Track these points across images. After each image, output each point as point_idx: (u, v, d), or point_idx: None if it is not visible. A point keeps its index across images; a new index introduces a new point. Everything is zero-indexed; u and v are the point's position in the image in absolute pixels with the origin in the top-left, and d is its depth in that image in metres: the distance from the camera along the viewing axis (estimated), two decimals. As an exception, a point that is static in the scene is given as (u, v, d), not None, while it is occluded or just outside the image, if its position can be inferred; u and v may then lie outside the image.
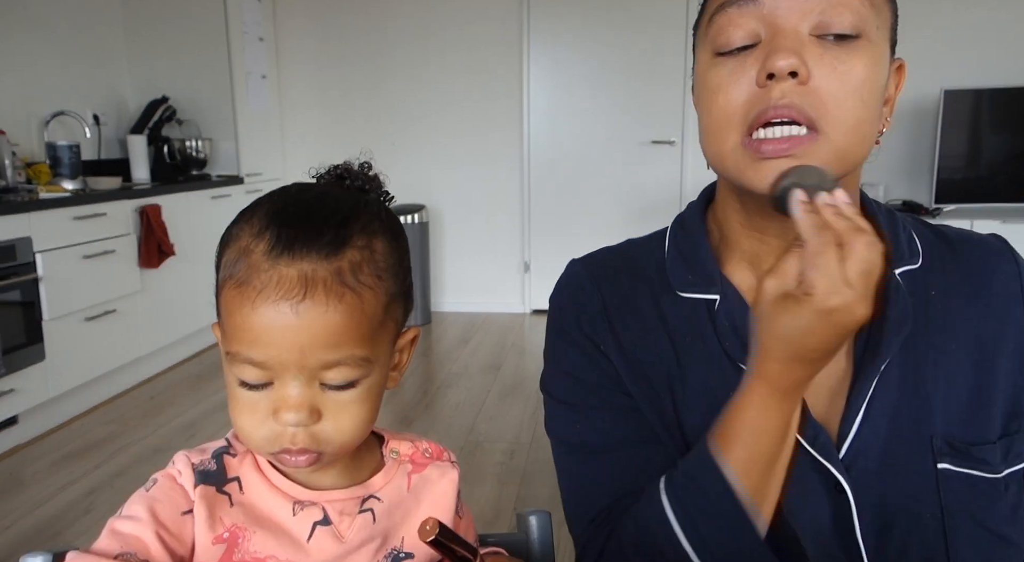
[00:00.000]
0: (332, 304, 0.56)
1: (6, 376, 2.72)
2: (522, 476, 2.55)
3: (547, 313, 0.84)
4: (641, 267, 0.79)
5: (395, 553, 0.65)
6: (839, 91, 0.63)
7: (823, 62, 0.63)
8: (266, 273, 0.56)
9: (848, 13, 0.63)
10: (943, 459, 0.67)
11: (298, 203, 0.60)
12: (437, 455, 0.71)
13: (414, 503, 0.67)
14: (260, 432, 0.59)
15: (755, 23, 0.64)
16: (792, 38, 0.63)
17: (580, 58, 4.54)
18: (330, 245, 0.57)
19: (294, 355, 0.56)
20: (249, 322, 0.56)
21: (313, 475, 0.64)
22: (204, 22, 4.12)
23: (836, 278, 0.56)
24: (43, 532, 2.23)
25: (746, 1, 0.64)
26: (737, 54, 0.65)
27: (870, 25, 0.64)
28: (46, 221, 2.88)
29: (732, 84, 0.66)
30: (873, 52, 0.64)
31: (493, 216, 4.79)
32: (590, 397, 0.76)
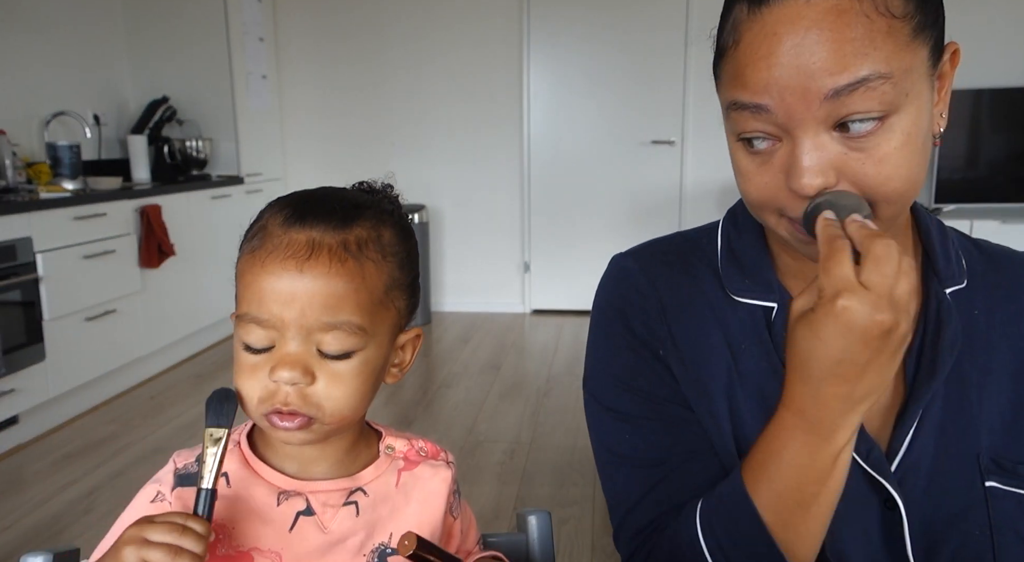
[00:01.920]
0: (335, 267, 0.60)
1: (6, 376, 2.72)
2: (522, 476, 2.56)
3: (593, 311, 0.80)
4: (694, 264, 0.76)
5: (382, 548, 0.65)
6: (880, 174, 0.59)
7: (851, 157, 0.59)
8: (278, 238, 0.61)
9: (866, 99, 0.57)
10: (991, 477, 0.66)
11: (319, 191, 0.66)
12: (433, 454, 0.72)
13: (403, 500, 0.68)
14: (256, 391, 0.61)
15: (773, 128, 0.60)
16: (812, 152, 0.59)
17: (580, 58, 4.54)
18: (340, 219, 0.62)
19: (295, 314, 0.59)
20: (258, 280, 0.60)
21: (305, 464, 0.65)
22: (204, 22, 4.12)
23: (847, 279, 0.54)
24: (43, 532, 2.23)
25: (757, 109, 0.60)
26: (761, 149, 0.62)
27: (898, 72, 0.57)
28: (46, 221, 2.89)
29: (760, 175, 0.63)
30: (910, 105, 0.59)
31: (493, 216, 4.79)
32: (643, 408, 0.73)
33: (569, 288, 4.79)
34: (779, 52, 0.57)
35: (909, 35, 0.58)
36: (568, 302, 4.80)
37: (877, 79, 0.56)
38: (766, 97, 0.59)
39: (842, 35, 0.56)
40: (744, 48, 0.60)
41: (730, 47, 0.61)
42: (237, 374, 0.62)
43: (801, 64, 0.57)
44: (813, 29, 0.56)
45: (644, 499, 0.72)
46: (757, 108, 0.59)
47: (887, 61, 0.57)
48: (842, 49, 0.56)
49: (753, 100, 0.59)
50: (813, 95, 0.57)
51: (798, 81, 0.57)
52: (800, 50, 0.57)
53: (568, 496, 2.39)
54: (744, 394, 0.70)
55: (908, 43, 0.58)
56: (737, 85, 0.61)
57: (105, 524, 0.62)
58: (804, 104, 0.57)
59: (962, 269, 0.72)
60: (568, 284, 4.78)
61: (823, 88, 0.56)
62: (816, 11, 0.56)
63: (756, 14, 0.59)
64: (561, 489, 2.45)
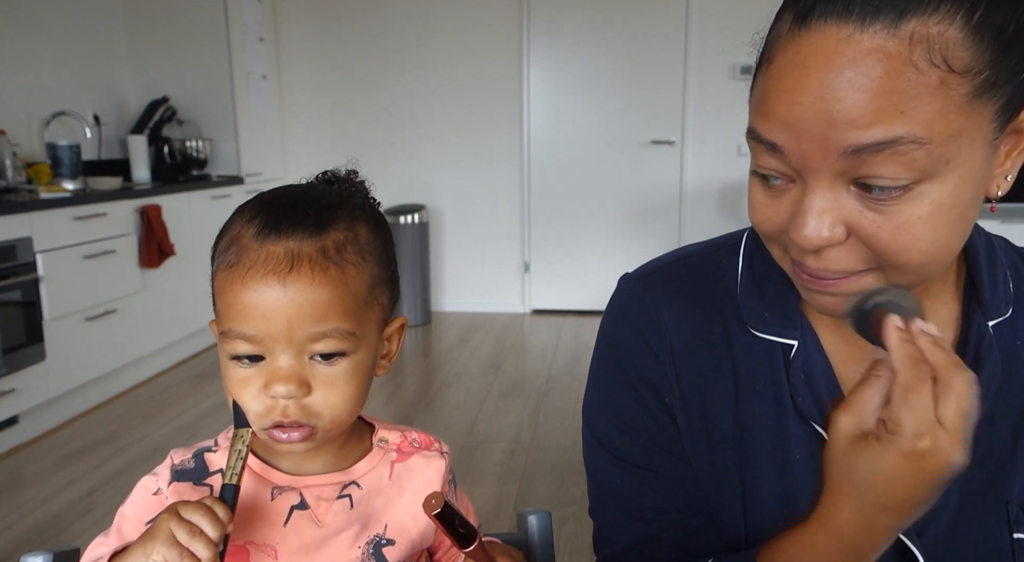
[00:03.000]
0: (317, 277, 0.59)
1: (7, 376, 2.72)
2: (522, 476, 2.56)
3: (598, 336, 0.73)
4: (709, 291, 0.69)
5: (377, 539, 0.66)
6: (895, 242, 0.52)
7: (867, 217, 0.52)
8: (255, 252, 0.60)
9: (892, 163, 0.49)
10: (1020, 528, 0.61)
11: (285, 194, 0.65)
12: (426, 445, 0.72)
13: (397, 491, 0.68)
14: (254, 406, 0.61)
15: (787, 169, 0.54)
16: (822, 204, 0.53)
17: (580, 58, 4.54)
18: (315, 225, 0.61)
19: (283, 327, 0.59)
20: (240, 298, 0.59)
21: (299, 461, 0.66)
22: (204, 22, 4.12)
23: (930, 417, 0.49)
24: (43, 532, 2.23)
25: (772, 147, 0.54)
26: (773, 183, 0.56)
27: (940, 138, 0.49)
28: (47, 221, 2.89)
29: (768, 208, 0.57)
30: (949, 173, 0.51)
31: (493, 216, 4.80)
32: (640, 454, 0.69)
33: (569, 288, 4.79)
34: (805, 89, 0.50)
35: (968, 94, 0.49)
36: (568, 302, 4.80)
37: (910, 144, 0.48)
38: (782, 137, 0.52)
39: (879, 85, 0.48)
40: (774, 72, 0.53)
41: (764, 63, 0.55)
42: (230, 388, 0.62)
43: (825, 109, 0.49)
44: (848, 70, 0.48)
45: (630, 551, 0.70)
46: (772, 146, 0.53)
47: (928, 124, 0.48)
48: (875, 101, 0.48)
49: (769, 137, 0.53)
50: (832, 146, 0.50)
51: (818, 128, 0.50)
52: (827, 92, 0.49)
53: (568, 496, 2.39)
54: (752, 439, 0.65)
55: (964, 104, 0.49)
56: (758, 113, 0.54)
57: (105, 524, 0.63)
58: (821, 154, 0.51)
59: (1009, 296, 0.64)
60: (568, 284, 4.78)
61: (844, 141, 0.49)
62: (857, 50, 0.48)
63: (795, 35, 0.51)
64: (561, 489, 2.45)
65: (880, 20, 0.48)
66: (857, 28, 0.48)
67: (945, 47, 0.48)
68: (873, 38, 0.48)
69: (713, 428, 0.66)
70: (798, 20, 0.51)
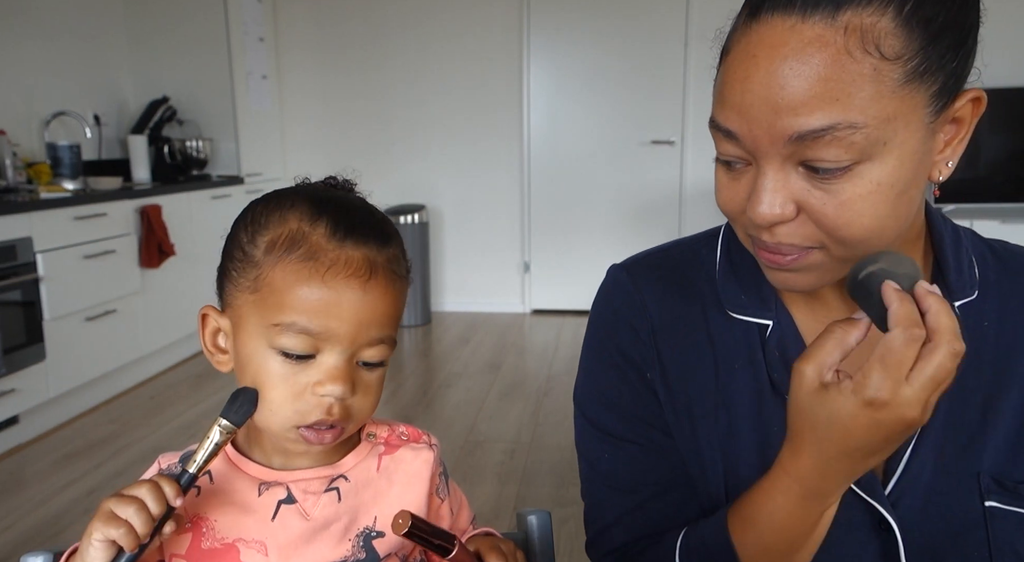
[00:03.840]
0: (389, 287, 0.63)
1: (7, 376, 2.72)
2: (522, 476, 2.56)
3: (588, 321, 0.79)
4: (691, 279, 0.74)
5: (366, 532, 0.66)
6: (839, 217, 0.56)
7: (814, 195, 0.57)
8: (334, 252, 0.61)
9: (832, 147, 0.54)
10: (991, 497, 0.64)
11: (335, 198, 0.65)
12: (414, 438, 0.72)
13: (385, 483, 0.68)
14: (293, 405, 0.61)
15: (743, 153, 0.59)
16: (772, 184, 0.57)
17: (580, 58, 4.54)
18: (382, 237, 0.64)
19: (351, 329, 0.60)
20: (317, 294, 0.60)
21: (288, 456, 0.66)
22: (205, 22, 4.12)
23: (900, 374, 0.51)
24: (43, 532, 2.23)
25: (728, 134, 0.59)
26: (734, 167, 0.61)
27: (876, 121, 0.53)
28: (47, 221, 2.89)
29: (730, 189, 0.62)
30: (887, 154, 0.55)
31: (493, 216, 4.80)
32: (624, 429, 0.74)
33: (569, 288, 4.79)
34: (754, 78, 0.55)
35: (900, 79, 0.53)
36: (568, 302, 4.80)
37: (846, 128, 0.53)
38: (736, 124, 0.57)
39: (817, 72, 0.52)
40: (730, 62, 0.58)
41: (723, 55, 0.59)
42: (267, 384, 0.62)
43: (770, 97, 0.54)
44: (791, 59, 0.53)
45: (618, 522, 0.74)
46: (728, 133, 0.58)
47: (862, 109, 0.53)
48: (813, 89, 0.52)
49: (725, 124, 0.58)
50: (778, 133, 0.54)
51: (765, 115, 0.55)
52: (772, 81, 0.54)
53: (568, 496, 2.39)
54: (732, 413, 0.69)
55: (897, 89, 0.53)
56: (717, 102, 0.60)
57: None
58: (770, 139, 0.55)
59: (974, 279, 0.68)
60: (568, 284, 4.78)
61: (787, 128, 0.54)
62: (798, 40, 0.53)
63: (747, 27, 0.56)
64: (561, 489, 2.45)
65: (819, 12, 0.52)
66: (799, 19, 0.53)
67: (878, 36, 0.52)
68: (813, 28, 0.52)
69: (694, 404, 0.71)
70: (751, 14, 0.56)
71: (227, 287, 0.65)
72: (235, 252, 0.64)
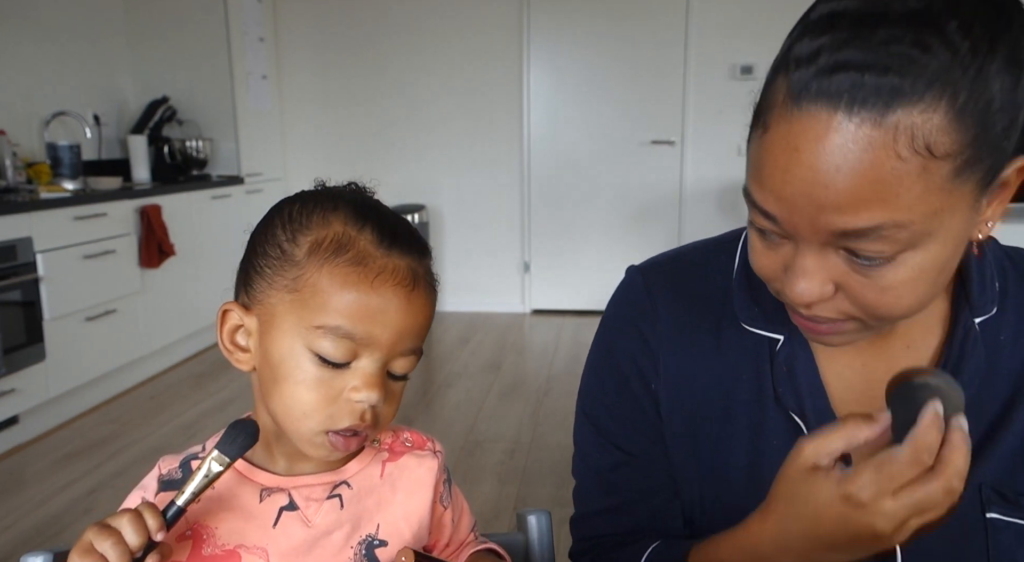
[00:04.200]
0: (429, 299, 0.64)
1: (7, 376, 2.72)
2: (522, 476, 2.56)
3: (601, 318, 0.79)
4: (706, 285, 0.73)
5: (369, 540, 0.66)
6: (880, 301, 0.55)
7: (854, 278, 0.55)
8: (382, 259, 0.61)
9: (877, 243, 0.52)
10: (992, 508, 0.64)
11: (376, 205, 0.66)
12: (419, 444, 0.72)
13: (389, 491, 0.68)
14: (326, 409, 0.61)
15: (780, 230, 0.57)
16: (813, 265, 0.55)
17: (580, 58, 4.54)
18: (422, 248, 0.65)
19: (393, 336, 0.61)
20: (365, 299, 0.60)
21: (291, 462, 0.66)
22: (204, 22, 4.12)
23: (889, 486, 0.50)
24: (43, 532, 2.23)
25: (766, 214, 0.56)
26: (769, 238, 0.59)
27: (922, 217, 0.51)
28: (47, 221, 2.89)
29: (765, 255, 0.60)
30: (931, 242, 0.53)
31: (493, 216, 4.80)
32: (620, 435, 0.75)
33: (569, 288, 4.79)
34: (795, 172, 0.52)
35: (949, 175, 0.50)
36: (568, 302, 4.80)
37: (892, 228, 0.51)
38: (775, 209, 0.55)
39: (863, 174, 0.50)
40: (768, 144, 0.54)
41: (759, 128, 0.55)
42: (300, 387, 0.61)
43: (813, 194, 0.52)
44: (836, 156, 0.50)
45: (598, 515, 0.77)
46: (766, 213, 0.56)
47: (908, 207, 0.50)
48: (859, 190, 0.50)
49: (763, 206, 0.56)
50: (820, 226, 0.53)
51: (807, 209, 0.53)
52: (815, 177, 0.51)
53: (568, 496, 2.38)
54: (734, 424, 0.70)
55: (946, 184, 0.51)
56: (754, 179, 0.56)
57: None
58: (811, 230, 0.54)
59: (995, 294, 0.66)
60: (568, 284, 4.78)
61: (831, 225, 0.52)
62: (844, 138, 0.50)
63: (787, 111, 0.52)
64: (561, 489, 2.45)
65: (867, 110, 0.49)
66: (845, 116, 0.50)
67: (928, 134, 0.49)
68: (860, 128, 0.49)
69: (696, 411, 0.71)
70: (791, 97, 0.52)
71: (258, 284, 0.63)
72: (270, 249, 0.63)
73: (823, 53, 0.51)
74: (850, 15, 0.51)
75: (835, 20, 0.51)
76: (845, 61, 0.50)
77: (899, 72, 0.48)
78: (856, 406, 0.67)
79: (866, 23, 0.50)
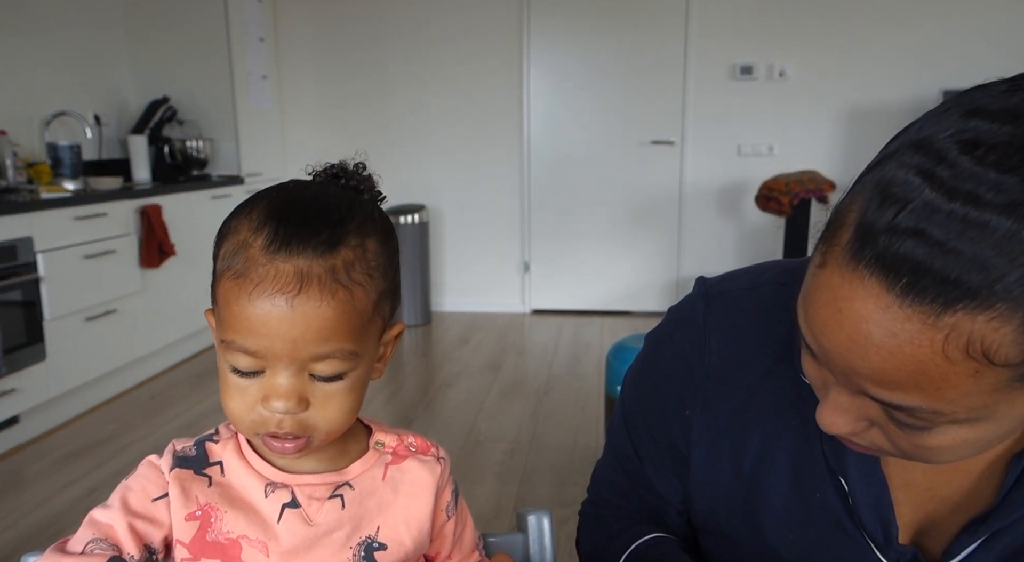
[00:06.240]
0: (325, 300, 0.58)
1: (7, 376, 2.72)
2: (522, 476, 2.56)
3: (662, 320, 0.78)
4: (771, 323, 0.69)
5: (368, 542, 0.66)
6: (918, 453, 0.52)
7: (888, 428, 0.52)
8: (263, 267, 0.58)
9: (907, 417, 0.49)
10: None
11: (296, 201, 0.62)
12: (423, 449, 0.72)
13: (391, 494, 0.68)
14: (249, 416, 0.61)
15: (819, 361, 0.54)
16: (845, 401, 0.53)
17: (580, 57, 4.55)
18: (325, 243, 0.59)
19: (287, 346, 0.58)
20: (245, 313, 0.58)
21: (293, 459, 0.66)
22: (205, 22, 4.12)
23: None
24: (44, 532, 2.23)
25: (808, 347, 0.54)
26: (814, 355, 0.55)
27: (967, 408, 0.47)
28: (47, 221, 2.89)
29: (812, 370, 0.57)
30: (979, 424, 0.48)
31: (493, 216, 4.80)
32: (649, 445, 0.77)
33: (569, 288, 4.79)
34: (835, 334, 0.48)
35: (1009, 379, 0.45)
36: (568, 302, 4.80)
37: (928, 413, 0.47)
38: (815, 348, 0.52)
39: (903, 364, 0.45)
40: (817, 284, 0.50)
41: (819, 252, 0.50)
42: (224, 392, 0.63)
43: (849, 358, 0.48)
44: (877, 335, 0.45)
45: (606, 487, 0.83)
46: (807, 343, 0.53)
47: (952, 402, 0.46)
48: (896, 375, 0.46)
49: (806, 338, 0.53)
50: (855, 384, 0.50)
51: (843, 368, 0.49)
52: (854, 347, 0.47)
53: (568, 496, 2.39)
54: (776, 469, 0.68)
55: (1001, 387, 0.45)
56: (801, 309, 0.53)
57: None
58: (846, 381, 0.51)
59: None
60: (568, 284, 4.79)
61: (865, 389, 0.49)
62: (890, 320, 0.45)
63: (843, 264, 0.47)
64: (561, 489, 2.45)
65: (923, 305, 0.43)
66: (896, 300, 0.44)
67: (989, 344, 0.43)
68: (909, 321, 0.44)
69: (733, 450, 0.70)
70: (851, 251, 0.46)
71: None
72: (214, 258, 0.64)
73: (904, 212, 0.44)
74: (949, 178, 0.43)
75: (934, 174, 0.44)
76: (918, 235, 0.43)
77: (974, 272, 0.42)
78: (917, 471, 0.63)
79: (959, 196, 0.43)
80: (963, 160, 0.43)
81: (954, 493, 0.62)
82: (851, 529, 0.64)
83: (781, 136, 4.47)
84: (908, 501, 0.64)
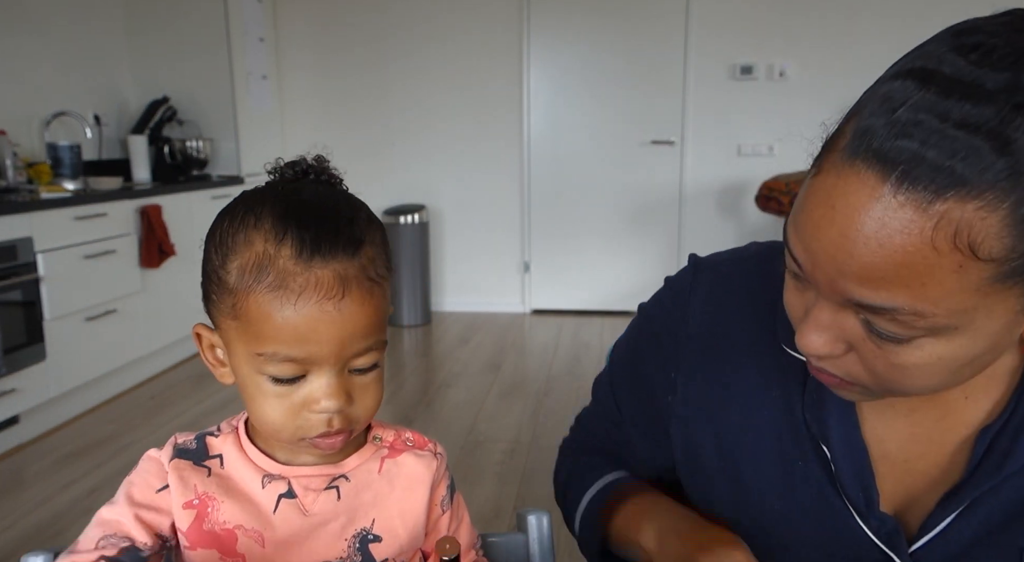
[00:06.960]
0: (365, 298, 0.60)
1: (7, 376, 2.72)
2: (522, 476, 2.56)
3: (658, 289, 0.81)
4: (756, 296, 0.71)
5: (363, 534, 0.67)
6: (889, 376, 0.53)
7: (866, 345, 0.53)
8: (302, 276, 0.58)
9: (891, 324, 0.49)
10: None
11: (301, 204, 0.62)
12: (419, 444, 0.73)
13: (386, 487, 0.69)
14: (294, 422, 0.62)
15: (805, 277, 0.55)
16: (826, 320, 0.53)
17: (580, 57, 4.54)
18: (351, 244, 0.61)
19: (335, 348, 0.60)
20: (291, 323, 0.59)
21: (292, 452, 0.67)
22: (204, 22, 4.12)
23: None
24: (44, 532, 2.23)
25: (794, 260, 0.54)
26: (800, 277, 0.56)
27: (948, 313, 0.48)
28: (47, 221, 2.89)
29: (793, 296, 0.58)
30: (958, 336, 0.49)
31: (493, 216, 4.80)
32: (631, 405, 0.81)
33: (569, 288, 4.79)
34: (825, 232, 0.49)
35: (990, 278, 0.46)
36: (568, 302, 4.80)
37: (909, 314, 0.48)
38: (802, 258, 0.53)
39: (891, 255, 0.46)
40: (812, 190, 0.52)
41: (815, 167, 0.53)
42: (261, 403, 0.62)
43: (837, 258, 0.49)
44: (868, 227, 0.47)
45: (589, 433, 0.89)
46: (794, 258, 0.54)
47: (934, 301, 0.47)
48: (882, 269, 0.47)
49: (793, 251, 0.54)
50: (839, 289, 0.51)
51: (830, 269, 0.50)
52: (842, 244, 0.48)
53: (568, 496, 2.39)
54: (757, 439, 0.69)
55: (983, 287, 0.46)
56: (793, 218, 0.54)
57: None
58: (830, 288, 0.52)
59: None
60: (568, 284, 4.79)
61: (847, 292, 0.50)
62: (883, 210, 0.46)
63: (839, 163, 0.49)
64: (561, 489, 2.45)
65: (915, 192, 0.45)
66: (891, 190, 0.46)
67: (976, 236, 0.45)
68: (901, 208, 0.46)
69: (714, 416, 0.72)
70: (849, 150, 0.48)
71: (210, 309, 0.64)
72: (211, 274, 0.63)
73: (902, 108, 0.46)
74: (945, 78, 0.46)
75: (930, 76, 0.46)
76: (915, 126, 0.45)
77: (966, 160, 0.44)
78: (892, 443, 0.65)
79: (955, 92, 0.45)
80: (959, 61, 0.46)
81: (930, 467, 0.63)
82: (832, 496, 0.65)
83: (781, 136, 4.48)
84: (888, 475, 0.65)
